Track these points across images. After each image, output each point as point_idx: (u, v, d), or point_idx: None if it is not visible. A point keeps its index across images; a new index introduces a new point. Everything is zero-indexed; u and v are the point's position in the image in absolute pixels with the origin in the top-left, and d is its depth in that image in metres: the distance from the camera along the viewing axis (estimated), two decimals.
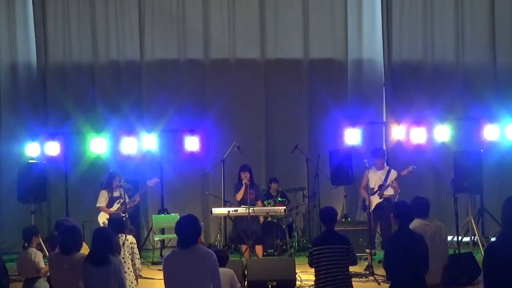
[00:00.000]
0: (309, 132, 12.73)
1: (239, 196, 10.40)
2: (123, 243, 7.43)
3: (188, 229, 5.39)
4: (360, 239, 10.37)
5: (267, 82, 12.83)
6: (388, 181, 10.30)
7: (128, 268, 7.40)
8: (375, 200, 10.25)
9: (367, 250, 9.94)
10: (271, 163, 12.68)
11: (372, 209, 10.02)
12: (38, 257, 7.65)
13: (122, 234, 7.52)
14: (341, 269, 6.73)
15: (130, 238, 7.60)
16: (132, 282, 7.37)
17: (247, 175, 10.43)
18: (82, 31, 12.70)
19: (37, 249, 7.83)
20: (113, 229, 7.07)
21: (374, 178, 10.39)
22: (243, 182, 10.35)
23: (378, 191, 10.28)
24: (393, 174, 10.35)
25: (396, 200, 9.89)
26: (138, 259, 7.66)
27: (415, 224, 6.87)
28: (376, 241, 10.90)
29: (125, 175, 10.52)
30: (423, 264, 5.89)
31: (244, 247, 10.28)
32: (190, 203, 12.55)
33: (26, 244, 7.79)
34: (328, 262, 6.70)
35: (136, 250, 7.60)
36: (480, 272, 8.37)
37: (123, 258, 7.29)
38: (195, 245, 5.35)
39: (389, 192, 10.29)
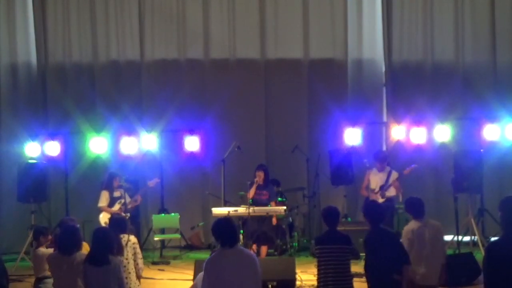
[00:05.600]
0: (309, 132, 12.72)
1: (250, 194, 10.44)
2: (126, 244, 7.40)
3: (230, 230, 5.60)
4: (360, 239, 10.33)
5: (267, 82, 12.82)
6: (390, 182, 10.28)
7: (132, 269, 7.37)
8: (377, 200, 10.22)
9: None
10: (271, 163, 12.65)
11: None
12: (43, 254, 7.71)
13: (125, 235, 7.51)
14: (343, 269, 6.74)
15: (132, 238, 7.58)
16: (135, 282, 7.35)
17: (261, 174, 10.52)
18: (82, 31, 12.69)
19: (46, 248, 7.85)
20: (115, 229, 7.07)
21: (375, 179, 10.38)
22: (255, 180, 10.40)
23: (380, 192, 10.25)
24: (394, 175, 10.33)
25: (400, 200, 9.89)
26: (141, 259, 7.64)
27: (413, 226, 6.90)
28: None
29: (125, 175, 10.53)
30: (400, 263, 6.12)
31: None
32: (190, 203, 12.57)
33: (34, 243, 7.85)
34: (329, 261, 6.70)
35: (138, 250, 7.58)
36: (480, 272, 8.37)
37: (126, 258, 7.27)
38: (238, 244, 5.58)
39: (391, 193, 10.28)
